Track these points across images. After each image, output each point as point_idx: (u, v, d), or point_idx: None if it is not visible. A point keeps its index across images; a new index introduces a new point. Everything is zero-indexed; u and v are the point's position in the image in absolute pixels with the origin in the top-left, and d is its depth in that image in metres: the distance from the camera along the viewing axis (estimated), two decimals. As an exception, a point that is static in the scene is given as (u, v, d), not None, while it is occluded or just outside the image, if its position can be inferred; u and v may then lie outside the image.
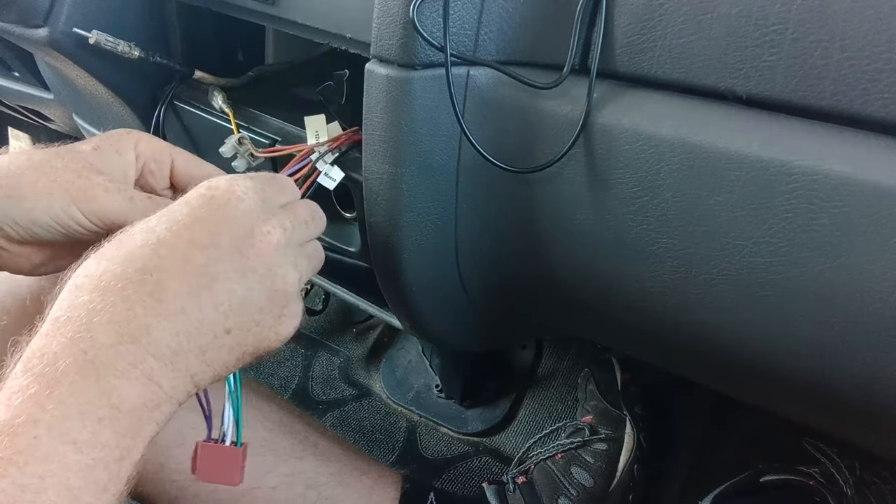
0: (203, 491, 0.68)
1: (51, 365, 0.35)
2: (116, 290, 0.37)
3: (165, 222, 0.40)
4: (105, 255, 0.39)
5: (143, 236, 0.39)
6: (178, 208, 0.41)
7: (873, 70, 0.36)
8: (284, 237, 0.42)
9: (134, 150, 0.50)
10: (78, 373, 0.35)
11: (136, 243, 0.39)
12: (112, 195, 0.46)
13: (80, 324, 0.36)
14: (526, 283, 0.61)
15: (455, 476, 1.01)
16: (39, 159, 0.46)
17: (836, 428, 0.55)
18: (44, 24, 0.61)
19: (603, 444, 0.86)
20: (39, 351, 0.36)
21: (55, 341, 0.36)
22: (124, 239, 0.40)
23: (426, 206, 0.53)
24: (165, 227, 0.39)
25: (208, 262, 0.39)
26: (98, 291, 0.37)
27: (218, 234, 0.39)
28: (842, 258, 0.39)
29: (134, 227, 0.41)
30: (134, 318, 0.36)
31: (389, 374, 1.14)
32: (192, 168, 0.52)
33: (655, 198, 0.45)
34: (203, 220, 0.40)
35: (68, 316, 0.37)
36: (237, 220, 0.40)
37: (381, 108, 0.49)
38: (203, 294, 0.38)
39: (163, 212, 0.41)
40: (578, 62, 0.45)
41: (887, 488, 0.74)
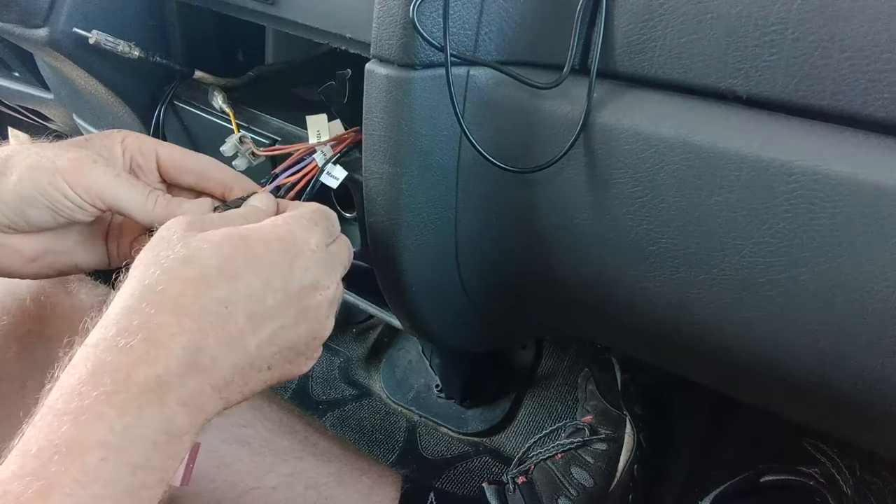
0: (203, 491, 0.68)
1: (123, 385, 0.35)
2: (193, 314, 0.38)
3: (244, 256, 0.40)
4: (179, 275, 0.39)
5: (219, 265, 0.39)
6: (257, 245, 0.41)
7: (873, 70, 0.36)
8: (336, 289, 0.45)
9: (121, 145, 0.50)
10: (148, 396, 0.36)
11: (213, 272, 0.39)
12: (100, 167, 0.46)
13: (155, 345, 0.37)
14: (526, 283, 0.61)
15: (455, 476, 1.01)
16: (37, 146, 0.47)
17: (836, 428, 0.55)
18: (44, 24, 0.61)
19: (603, 445, 0.86)
20: (112, 366, 0.36)
21: (128, 358, 0.36)
22: (199, 258, 0.39)
23: (426, 206, 0.53)
24: (245, 262, 0.40)
25: (276, 307, 0.41)
26: (173, 314, 0.37)
27: (290, 281, 0.41)
28: (842, 258, 0.39)
29: (207, 249, 0.40)
30: (205, 348, 0.38)
31: (389, 374, 1.14)
32: (179, 159, 0.52)
33: (655, 198, 0.45)
34: (279, 265, 0.41)
35: (144, 337, 0.37)
36: (308, 272, 0.42)
37: (381, 108, 0.49)
38: (263, 335, 0.40)
39: (240, 241, 0.41)
40: (578, 62, 0.45)
41: (887, 488, 0.74)
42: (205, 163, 0.53)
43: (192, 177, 0.53)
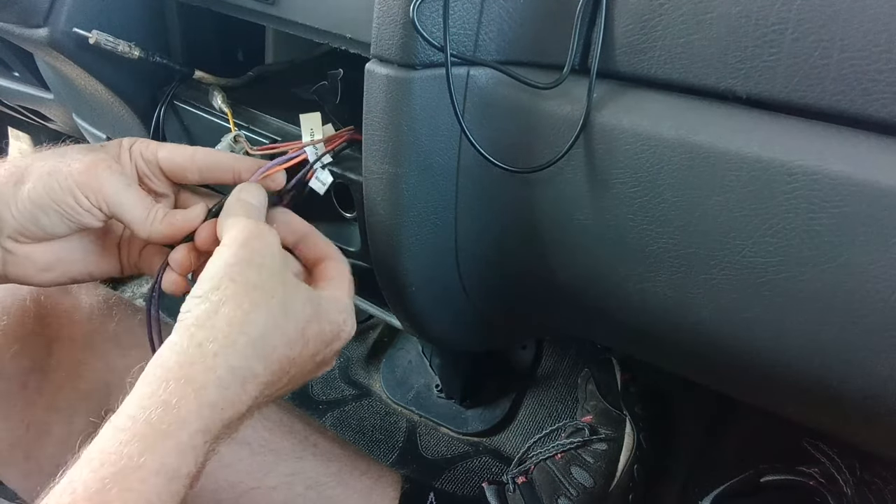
0: (203, 491, 0.68)
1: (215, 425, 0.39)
2: (272, 371, 0.42)
3: (315, 329, 0.45)
4: (271, 329, 0.42)
5: (301, 329, 0.44)
6: (325, 325, 0.46)
7: (873, 70, 0.36)
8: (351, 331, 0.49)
9: (129, 153, 0.52)
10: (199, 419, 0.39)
11: (295, 335, 0.43)
12: (114, 175, 0.48)
13: (246, 389, 0.41)
14: (526, 283, 0.61)
15: (455, 476, 1.01)
16: (51, 151, 0.49)
17: (835, 428, 0.55)
18: (44, 24, 0.61)
19: (603, 445, 0.86)
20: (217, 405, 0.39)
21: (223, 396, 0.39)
22: (287, 314, 0.43)
23: (426, 206, 0.53)
24: (314, 334, 0.45)
25: (311, 370, 0.46)
26: (264, 364, 0.41)
27: (326, 358, 0.47)
28: (842, 258, 0.39)
29: (297, 308, 0.43)
30: (262, 397, 0.42)
31: (389, 374, 1.14)
32: (177, 160, 0.53)
33: (655, 198, 0.45)
34: (328, 347, 0.46)
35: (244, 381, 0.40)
36: (336, 355, 0.49)
37: (381, 108, 0.49)
38: (292, 369, 0.44)
39: (315, 309, 0.45)
40: (578, 62, 0.45)
41: (887, 488, 0.74)
42: (200, 157, 0.53)
43: (195, 173, 0.53)
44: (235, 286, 0.41)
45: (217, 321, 0.40)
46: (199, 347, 0.39)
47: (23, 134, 1.50)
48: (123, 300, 0.73)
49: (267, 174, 0.53)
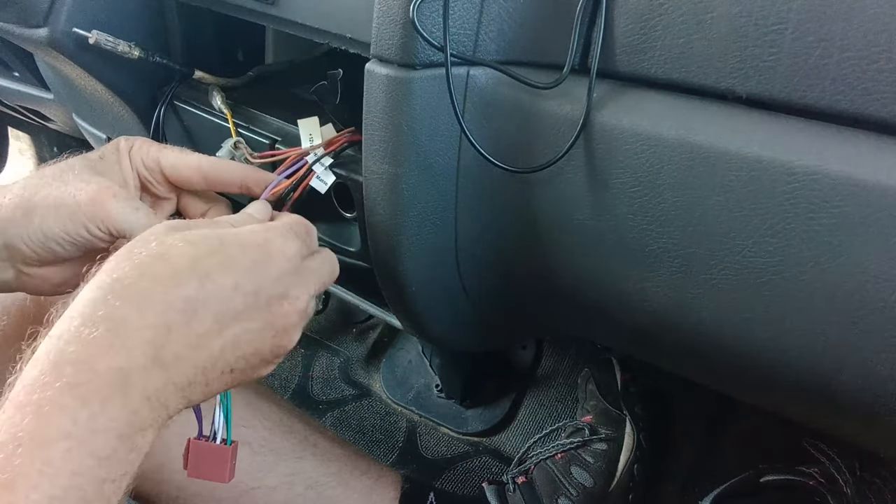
0: (203, 490, 0.68)
1: (86, 376, 0.35)
2: (158, 310, 0.38)
3: (218, 257, 0.40)
4: (148, 271, 0.38)
5: (190, 263, 0.39)
6: (232, 248, 0.41)
7: (873, 70, 0.36)
8: (307, 302, 0.44)
9: (129, 160, 0.51)
10: (111, 388, 0.35)
11: (184, 270, 0.39)
12: (120, 202, 0.47)
13: (119, 337, 0.36)
14: (526, 283, 0.61)
15: (455, 476, 1.01)
16: (52, 175, 0.48)
17: (835, 428, 0.55)
18: (44, 24, 0.61)
19: (603, 444, 0.86)
20: (74, 356, 0.35)
21: (91, 349, 0.36)
22: (171, 255, 0.39)
23: (426, 206, 0.53)
24: (217, 263, 0.40)
25: (243, 311, 0.40)
26: (138, 308, 0.37)
27: (260, 287, 0.41)
28: (842, 258, 0.39)
29: (181, 247, 0.40)
30: (168, 345, 0.37)
31: (389, 374, 1.14)
32: (181, 167, 0.52)
33: (655, 198, 0.45)
34: (251, 270, 0.41)
35: (108, 328, 0.36)
36: (280, 280, 0.42)
37: (381, 108, 0.49)
38: (228, 338, 0.40)
39: (216, 241, 0.41)
40: (578, 62, 0.45)
41: (887, 488, 0.74)
42: (206, 167, 0.52)
43: (201, 182, 0.53)
44: (106, 262, 0.40)
45: (80, 293, 0.38)
46: (59, 319, 0.37)
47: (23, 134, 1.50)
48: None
49: (275, 191, 0.53)
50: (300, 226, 0.46)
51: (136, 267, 0.38)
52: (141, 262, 0.39)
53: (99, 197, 0.46)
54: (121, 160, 0.51)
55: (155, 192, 0.53)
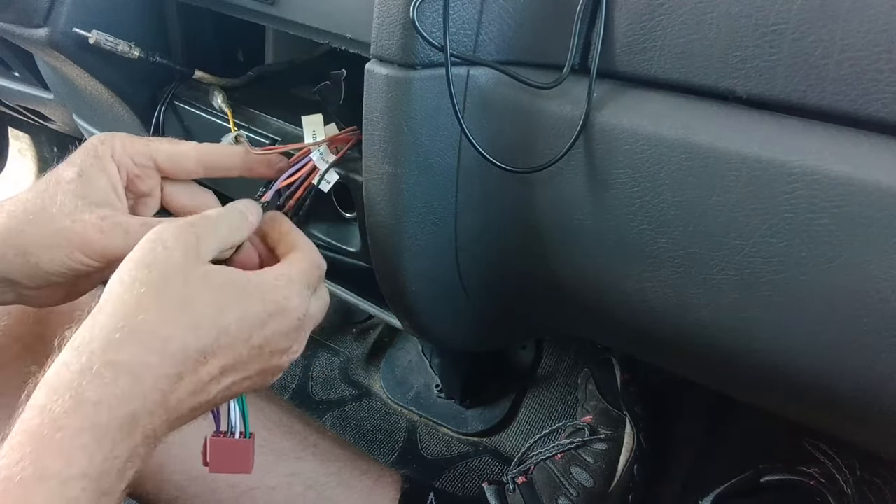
0: (203, 491, 0.68)
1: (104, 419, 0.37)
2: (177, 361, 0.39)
3: (238, 310, 0.41)
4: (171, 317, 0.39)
5: (213, 314, 0.40)
6: (253, 301, 0.42)
7: (873, 70, 0.36)
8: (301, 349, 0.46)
9: (113, 161, 0.50)
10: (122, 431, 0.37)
11: (206, 321, 0.40)
12: (108, 234, 0.47)
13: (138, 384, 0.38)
14: (526, 283, 0.61)
15: (455, 476, 1.01)
16: (35, 210, 0.47)
17: (836, 428, 0.55)
18: (44, 24, 0.61)
19: (603, 445, 0.86)
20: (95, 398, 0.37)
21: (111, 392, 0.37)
22: (196, 304, 0.40)
23: (426, 206, 0.53)
24: (237, 317, 0.41)
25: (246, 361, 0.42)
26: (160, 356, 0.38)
27: (268, 341, 0.43)
28: (842, 258, 0.39)
29: (207, 297, 0.40)
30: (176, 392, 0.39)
31: (389, 374, 1.14)
32: (179, 159, 0.52)
33: (655, 198, 0.45)
34: (265, 325, 0.42)
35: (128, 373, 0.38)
36: (287, 336, 0.44)
37: (381, 108, 0.49)
38: (225, 383, 0.42)
39: (240, 292, 0.42)
40: (578, 62, 0.45)
41: (887, 488, 0.74)
42: (203, 153, 0.52)
43: (197, 170, 0.53)
44: (122, 286, 0.40)
45: (98, 319, 0.39)
46: (75, 350, 0.38)
47: (23, 134, 1.50)
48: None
49: (279, 187, 0.53)
50: (315, 272, 0.47)
51: (161, 310, 0.39)
52: (167, 306, 0.39)
53: (89, 235, 0.46)
54: (105, 168, 0.49)
55: (142, 187, 0.52)
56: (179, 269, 0.41)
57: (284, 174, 0.55)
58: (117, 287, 0.40)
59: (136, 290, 0.40)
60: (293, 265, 0.46)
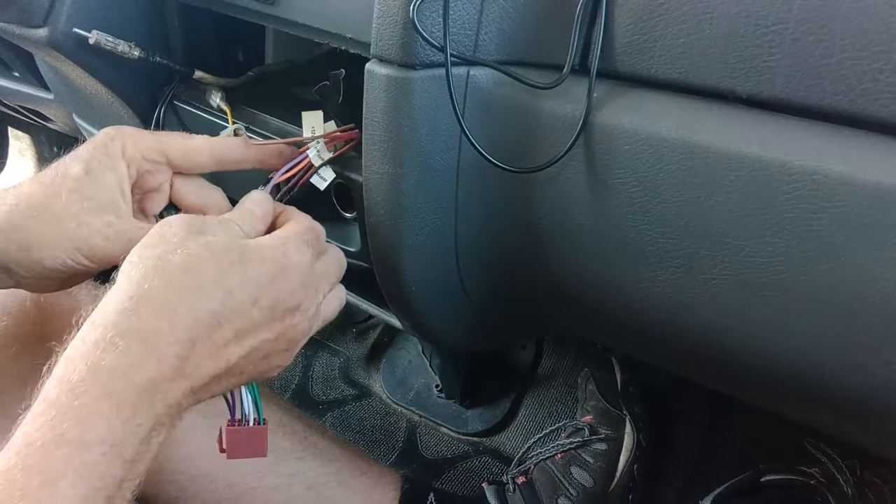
0: (203, 490, 0.68)
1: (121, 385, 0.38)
2: (187, 324, 0.40)
3: (240, 273, 0.42)
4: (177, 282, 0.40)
5: (216, 277, 0.41)
6: (253, 263, 0.42)
7: (873, 70, 0.36)
8: (317, 309, 0.47)
9: (123, 159, 0.49)
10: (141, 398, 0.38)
11: (210, 284, 0.41)
12: (113, 243, 0.47)
13: (151, 350, 0.39)
14: (526, 283, 0.61)
15: (455, 476, 1.01)
16: (39, 206, 0.47)
17: (836, 428, 0.55)
18: (44, 24, 0.61)
19: (603, 444, 0.86)
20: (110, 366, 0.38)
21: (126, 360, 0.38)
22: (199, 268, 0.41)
23: (426, 206, 0.53)
24: (239, 278, 0.42)
25: (261, 324, 0.43)
26: (168, 321, 0.39)
27: (277, 301, 0.43)
28: (842, 258, 0.39)
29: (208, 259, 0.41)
30: (192, 357, 0.40)
31: (389, 374, 1.14)
32: (192, 155, 0.52)
33: (655, 198, 0.45)
34: (270, 286, 0.43)
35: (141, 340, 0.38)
36: (294, 294, 0.44)
37: (381, 108, 0.49)
38: (245, 348, 0.42)
39: (237, 255, 0.42)
40: (578, 62, 0.45)
41: (888, 488, 0.74)
42: (216, 146, 0.53)
43: (211, 164, 0.53)
44: (130, 265, 0.41)
45: (108, 298, 0.40)
46: (91, 324, 0.39)
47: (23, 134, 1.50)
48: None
49: (278, 181, 0.53)
50: (311, 233, 0.47)
51: (164, 277, 0.40)
52: (170, 272, 0.40)
53: (94, 241, 0.47)
54: (114, 167, 0.49)
55: (152, 183, 0.52)
56: (181, 241, 0.42)
57: (282, 169, 0.54)
58: (126, 266, 0.41)
59: (143, 264, 0.41)
60: (286, 229, 0.47)
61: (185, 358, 0.39)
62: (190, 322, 0.40)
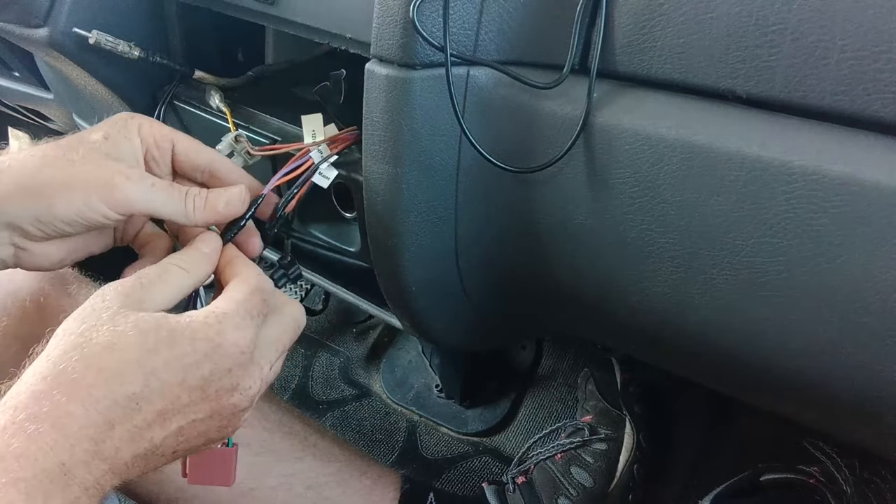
0: (202, 492, 0.68)
1: (31, 472, 0.36)
2: (102, 408, 0.38)
3: (165, 354, 0.40)
4: (95, 363, 0.38)
5: (138, 357, 0.39)
6: (182, 343, 0.40)
7: (873, 70, 0.36)
8: (260, 388, 0.44)
9: (138, 136, 0.49)
10: (53, 483, 0.36)
11: (130, 365, 0.39)
12: (134, 182, 0.45)
13: (63, 434, 0.37)
14: (526, 283, 0.61)
15: (455, 476, 1.01)
16: (54, 155, 0.46)
17: (835, 427, 0.55)
18: (44, 24, 0.61)
19: (602, 444, 0.86)
20: (19, 451, 0.36)
21: (36, 445, 0.36)
22: (120, 347, 0.39)
23: (426, 206, 0.53)
24: (163, 360, 0.40)
25: (188, 404, 0.41)
26: (83, 405, 0.37)
27: (208, 381, 0.41)
28: (842, 258, 0.39)
29: (132, 337, 0.39)
30: (110, 440, 0.38)
31: (389, 374, 1.14)
32: (193, 155, 0.52)
33: (655, 198, 0.45)
34: (199, 365, 0.40)
35: (52, 424, 0.37)
36: (231, 373, 0.42)
37: (381, 108, 0.49)
38: (172, 428, 0.40)
39: (165, 334, 0.40)
40: (578, 62, 0.45)
41: (887, 487, 0.74)
42: (218, 163, 0.52)
43: (203, 175, 0.52)
44: (55, 339, 0.40)
45: (25, 376, 0.39)
46: (2, 406, 0.37)
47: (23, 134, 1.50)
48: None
49: (278, 183, 0.53)
50: (255, 298, 0.44)
51: (83, 359, 0.38)
52: (89, 353, 0.39)
53: (114, 180, 0.45)
54: (130, 137, 0.49)
55: (157, 171, 0.51)
56: (110, 317, 0.40)
57: (281, 172, 0.54)
58: (52, 340, 0.40)
59: (64, 340, 0.39)
60: (227, 298, 0.43)
61: (101, 441, 0.38)
62: (107, 404, 0.38)
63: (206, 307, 0.43)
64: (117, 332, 0.39)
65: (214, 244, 0.48)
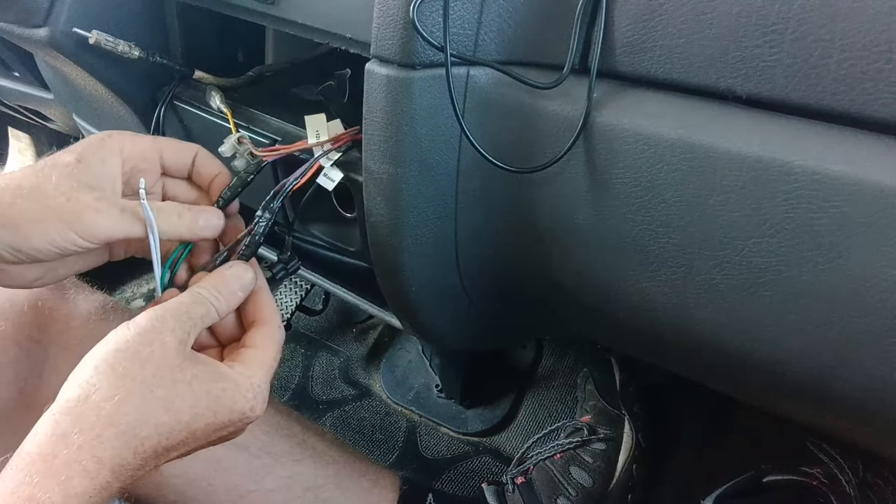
0: (201, 494, 0.68)
1: None
2: (141, 452, 0.42)
3: (210, 419, 0.44)
4: (153, 419, 0.42)
5: (190, 419, 0.44)
6: (223, 416, 0.45)
7: (873, 70, 0.36)
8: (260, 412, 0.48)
9: (119, 156, 0.50)
10: None
11: (181, 418, 0.43)
12: (104, 214, 0.47)
13: (115, 475, 0.41)
14: (526, 283, 0.61)
15: (455, 476, 1.01)
16: (29, 186, 0.46)
17: (837, 428, 0.55)
18: (44, 24, 0.61)
19: (602, 444, 0.86)
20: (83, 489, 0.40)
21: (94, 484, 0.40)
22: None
23: (426, 206, 0.53)
24: (205, 424, 0.44)
25: (206, 444, 0.46)
26: (133, 452, 0.42)
27: (230, 434, 0.47)
28: (842, 258, 0.39)
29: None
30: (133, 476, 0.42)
31: (389, 374, 1.14)
32: (180, 156, 0.53)
33: (655, 198, 0.45)
34: (227, 427, 0.46)
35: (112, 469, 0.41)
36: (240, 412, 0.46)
37: (381, 108, 0.49)
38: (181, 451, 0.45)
39: (213, 402, 0.44)
40: (578, 62, 0.45)
41: (889, 489, 0.74)
42: (198, 156, 0.54)
43: (189, 169, 0.54)
44: (113, 376, 0.42)
45: (85, 410, 0.41)
46: (63, 438, 0.40)
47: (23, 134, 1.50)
48: (120, 306, 0.73)
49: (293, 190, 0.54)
50: (276, 360, 0.50)
51: (144, 410, 0.42)
52: (151, 406, 0.43)
53: (85, 214, 0.46)
54: (106, 159, 0.49)
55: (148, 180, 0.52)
56: (169, 369, 0.43)
57: (293, 177, 0.55)
58: (109, 375, 0.42)
59: (126, 385, 0.42)
60: (260, 361, 0.48)
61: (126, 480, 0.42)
62: (151, 454, 0.43)
63: (243, 366, 0.47)
64: (176, 389, 0.43)
65: (247, 278, 0.50)
